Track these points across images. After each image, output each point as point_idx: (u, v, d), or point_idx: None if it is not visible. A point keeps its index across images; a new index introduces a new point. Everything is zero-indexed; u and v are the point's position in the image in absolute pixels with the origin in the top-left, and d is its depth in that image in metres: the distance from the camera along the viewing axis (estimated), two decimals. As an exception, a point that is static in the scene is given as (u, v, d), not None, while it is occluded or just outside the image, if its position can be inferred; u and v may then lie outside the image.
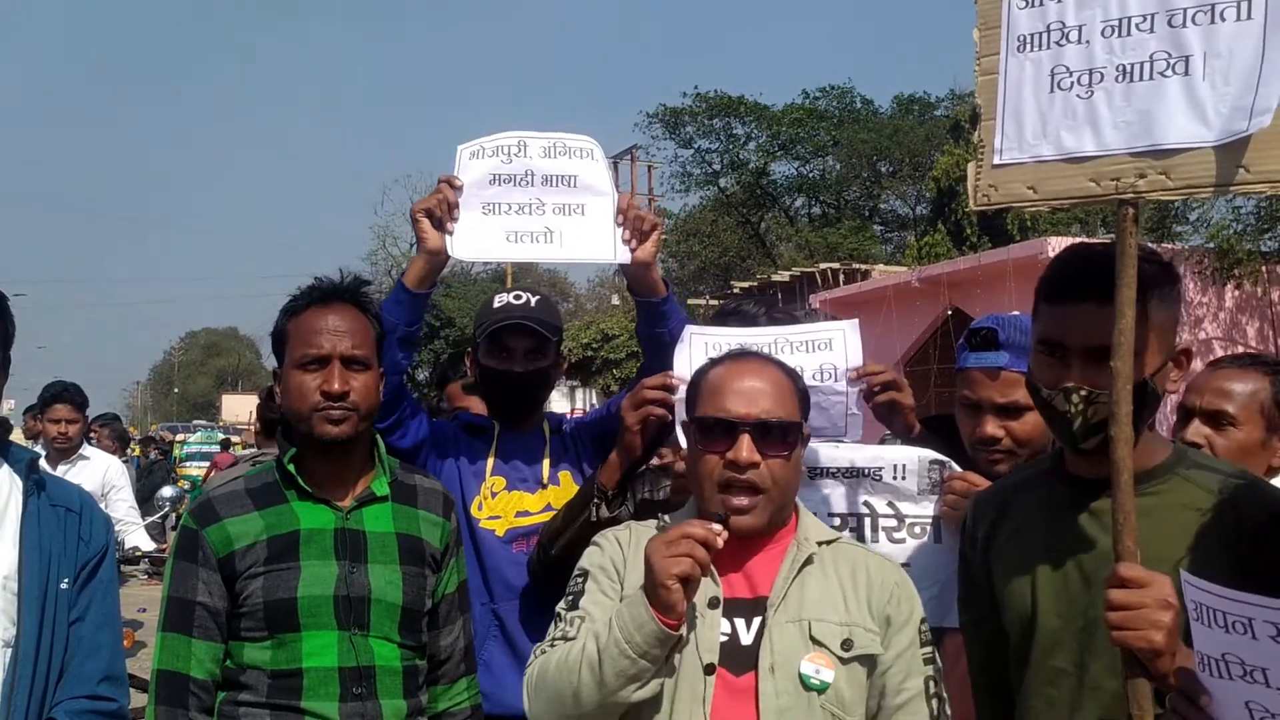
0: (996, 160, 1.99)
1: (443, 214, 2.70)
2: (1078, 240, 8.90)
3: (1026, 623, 1.97)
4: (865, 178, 37.69)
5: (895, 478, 2.54)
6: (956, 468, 2.53)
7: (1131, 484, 1.75)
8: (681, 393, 2.47)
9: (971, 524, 2.17)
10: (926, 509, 2.54)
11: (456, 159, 2.76)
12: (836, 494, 2.58)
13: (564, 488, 2.90)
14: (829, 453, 2.59)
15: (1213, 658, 1.48)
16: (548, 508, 2.86)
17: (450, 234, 2.73)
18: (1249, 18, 1.73)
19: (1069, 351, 1.87)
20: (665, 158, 37.99)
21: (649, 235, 2.75)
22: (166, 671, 2.25)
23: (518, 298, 2.97)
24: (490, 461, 2.91)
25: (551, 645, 1.94)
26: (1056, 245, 13.54)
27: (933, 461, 2.54)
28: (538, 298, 3.00)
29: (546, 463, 2.93)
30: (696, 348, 2.61)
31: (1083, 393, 1.84)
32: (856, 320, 2.73)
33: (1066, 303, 1.89)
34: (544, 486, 2.91)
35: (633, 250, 2.75)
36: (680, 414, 2.43)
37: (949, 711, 2.04)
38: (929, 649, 2.04)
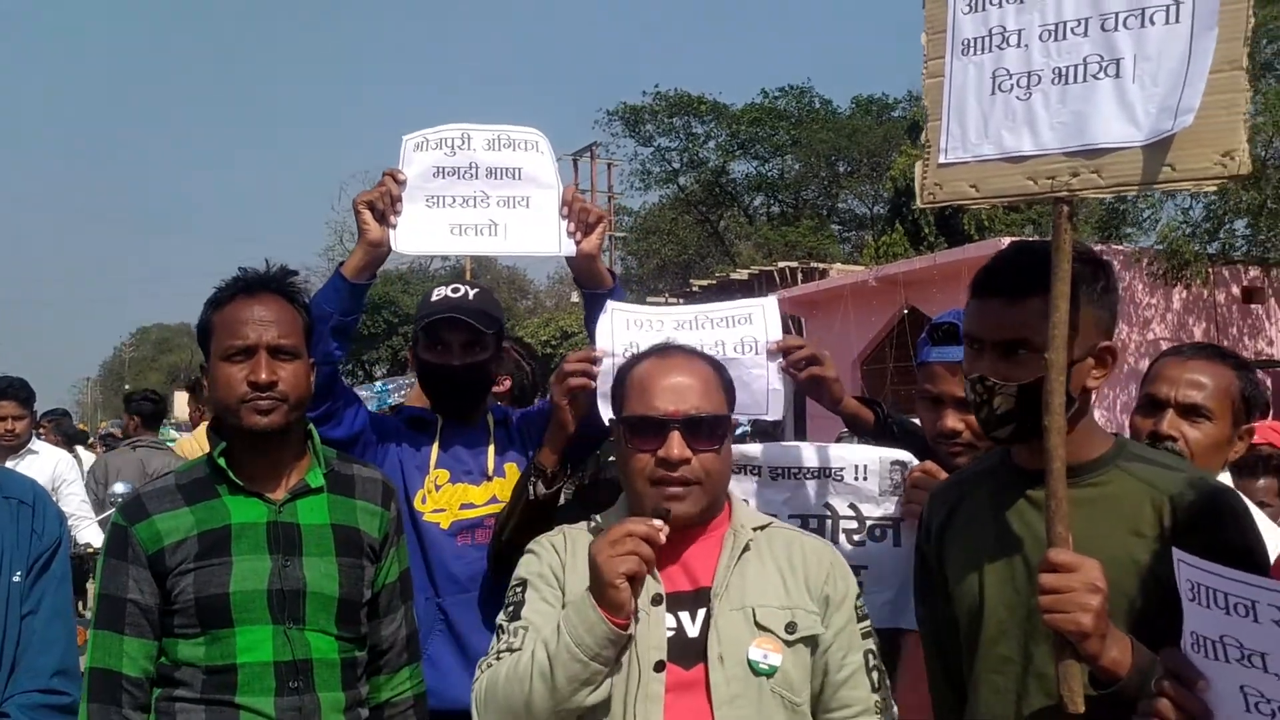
0: (942, 159, 2.05)
1: (385, 206, 2.70)
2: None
3: (975, 612, 2.00)
4: (824, 177, 37.85)
5: (857, 478, 2.55)
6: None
7: (1064, 472, 1.80)
8: (606, 365, 2.49)
9: (928, 516, 2.21)
10: (888, 510, 2.55)
11: (401, 150, 2.76)
12: (798, 495, 2.58)
13: (510, 479, 2.85)
14: (791, 453, 2.60)
15: (1209, 639, 1.44)
16: (493, 500, 2.84)
17: (393, 227, 2.72)
18: (1177, 21, 1.79)
19: (984, 345, 1.94)
20: (625, 155, 38.04)
21: (594, 227, 2.76)
22: (99, 669, 2.21)
23: (455, 290, 2.93)
24: (434, 455, 2.88)
25: (498, 658, 1.92)
26: (1010, 245, 13.65)
27: (894, 462, 2.56)
28: (476, 290, 2.96)
29: (491, 453, 2.90)
30: (618, 323, 2.61)
31: (988, 383, 1.91)
32: (774, 297, 2.77)
33: (982, 298, 1.98)
34: (489, 478, 2.87)
35: (577, 243, 2.76)
36: (604, 387, 2.43)
37: (889, 682, 2.08)
38: (866, 622, 2.07)
